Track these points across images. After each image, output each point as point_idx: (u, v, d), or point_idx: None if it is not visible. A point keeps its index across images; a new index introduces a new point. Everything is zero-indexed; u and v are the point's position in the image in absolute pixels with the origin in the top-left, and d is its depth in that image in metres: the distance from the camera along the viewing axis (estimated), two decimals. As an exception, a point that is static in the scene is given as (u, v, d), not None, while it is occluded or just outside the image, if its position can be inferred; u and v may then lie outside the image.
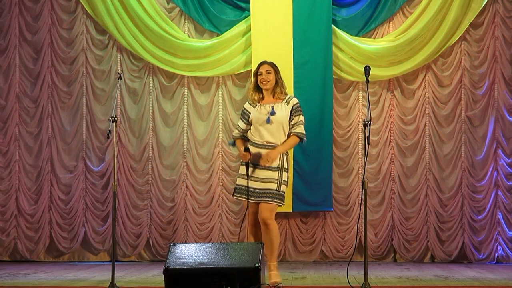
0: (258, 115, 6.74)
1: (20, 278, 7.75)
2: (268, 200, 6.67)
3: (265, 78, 6.78)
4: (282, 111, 6.74)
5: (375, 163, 9.51)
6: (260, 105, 6.80)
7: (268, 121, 6.70)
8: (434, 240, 9.44)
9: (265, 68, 6.81)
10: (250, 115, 6.79)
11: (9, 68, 9.76)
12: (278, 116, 6.71)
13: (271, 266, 6.76)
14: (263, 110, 6.76)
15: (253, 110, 6.80)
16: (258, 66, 6.88)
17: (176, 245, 6.13)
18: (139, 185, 9.66)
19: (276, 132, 6.70)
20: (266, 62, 6.89)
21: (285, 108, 6.75)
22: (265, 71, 6.79)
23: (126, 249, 9.62)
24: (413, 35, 9.37)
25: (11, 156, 9.74)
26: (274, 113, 6.72)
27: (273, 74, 6.79)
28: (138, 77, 9.71)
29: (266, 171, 6.67)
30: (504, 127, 9.43)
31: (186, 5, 9.62)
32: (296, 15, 9.37)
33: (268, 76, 6.78)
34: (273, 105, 6.76)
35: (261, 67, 6.84)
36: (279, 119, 6.71)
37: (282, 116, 6.72)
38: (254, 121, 6.75)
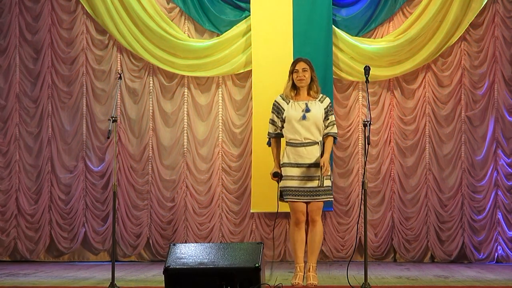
0: (293, 112, 6.71)
1: (20, 278, 7.75)
2: (318, 198, 6.67)
3: (302, 76, 6.76)
4: (317, 109, 6.72)
5: (375, 163, 9.51)
6: (294, 102, 6.78)
7: (304, 118, 6.69)
8: (434, 240, 9.44)
9: (302, 66, 6.78)
10: (284, 111, 6.77)
11: (9, 68, 9.76)
12: (313, 114, 6.70)
13: (311, 267, 6.73)
14: (297, 107, 6.74)
15: (287, 107, 6.77)
16: (294, 63, 6.83)
17: (176, 245, 6.13)
18: (139, 185, 9.66)
19: (313, 128, 6.68)
20: (302, 60, 6.84)
21: (319, 106, 6.75)
22: (301, 69, 6.76)
23: (126, 249, 9.63)
24: (413, 35, 9.37)
25: (11, 156, 9.74)
26: (309, 110, 6.70)
27: (309, 72, 6.78)
28: (138, 77, 9.72)
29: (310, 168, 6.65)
30: (504, 127, 9.44)
31: (186, 5, 9.63)
32: (296, 15, 9.38)
33: (304, 74, 6.76)
34: (307, 102, 6.75)
35: (298, 64, 6.80)
36: (314, 117, 6.69)
37: (317, 113, 6.70)
38: (289, 118, 6.71)
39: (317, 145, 6.67)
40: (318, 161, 6.63)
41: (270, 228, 9.55)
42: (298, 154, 6.65)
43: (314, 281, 6.64)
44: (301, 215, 6.69)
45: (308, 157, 6.65)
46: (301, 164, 6.65)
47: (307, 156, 6.65)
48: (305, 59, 6.85)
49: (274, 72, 9.28)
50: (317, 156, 6.65)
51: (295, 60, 6.89)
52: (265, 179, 9.30)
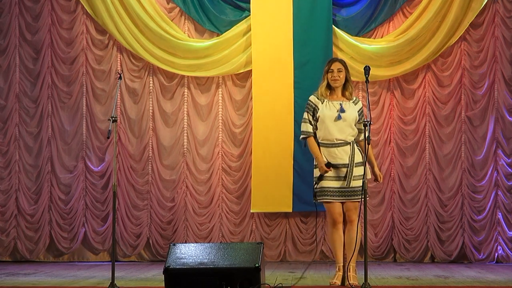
0: (328, 111, 6.71)
1: (20, 278, 7.75)
2: (353, 198, 6.68)
3: (336, 76, 6.76)
4: (351, 110, 6.73)
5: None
6: (328, 101, 6.77)
7: (339, 118, 6.69)
8: (434, 240, 9.44)
9: (337, 66, 6.77)
10: (318, 110, 6.76)
11: (9, 68, 9.76)
12: (348, 114, 6.70)
13: (351, 267, 6.68)
14: (332, 107, 6.73)
15: (321, 106, 6.77)
16: (330, 63, 6.82)
17: (176, 245, 6.13)
18: (139, 185, 9.66)
19: (346, 129, 6.68)
20: (337, 60, 6.85)
21: (353, 107, 6.76)
22: (336, 69, 6.76)
23: (126, 249, 9.62)
24: (413, 35, 9.37)
25: (11, 156, 9.74)
26: (344, 111, 6.70)
27: (343, 73, 6.78)
28: (138, 77, 9.71)
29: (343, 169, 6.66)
30: (504, 127, 9.44)
31: (186, 5, 9.63)
32: (296, 15, 9.38)
33: (339, 74, 6.76)
34: (341, 102, 6.75)
35: (333, 64, 6.79)
36: (349, 117, 6.70)
37: (352, 114, 6.72)
38: (323, 117, 6.70)
39: (349, 145, 6.69)
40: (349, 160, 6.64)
41: (270, 228, 9.56)
42: (331, 155, 6.66)
43: (354, 281, 6.61)
44: (338, 216, 6.70)
45: (340, 157, 6.66)
46: (334, 164, 6.65)
47: (340, 157, 6.66)
48: (341, 60, 6.90)
49: (274, 72, 9.28)
50: (349, 155, 6.66)
51: (330, 60, 6.90)
52: (265, 179, 9.35)
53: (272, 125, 9.33)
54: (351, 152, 6.67)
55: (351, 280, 6.62)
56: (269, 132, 9.33)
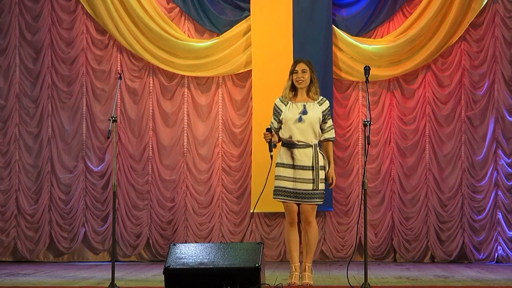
0: (290, 114, 6.69)
1: (20, 278, 7.74)
2: (310, 201, 6.66)
3: (301, 77, 6.74)
4: (315, 111, 6.70)
5: (375, 163, 9.51)
6: (292, 103, 6.75)
7: (300, 120, 6.67)
8: (434, 240, 9.44)
9: (302, 67, 6.74)
10: (281, 113, 6.76)
11: (9, 68, 9.76)
12: (310, 116, 6.67)
13: (307, 267, 6.73)
14: (294, 109, 6.71)
15: (284, 108, 6.75)
16: (294, 64, 6.79)
17: (176, 245, 6.13)
18: (139, 185, 9.66)
19: (307, 131, 6.65)
20: (302, 60, 6.79)
21: (318, 108, 6.72)
22: (301, 70, 6.73)
23: (126, 249, 9.62)
24: (413, 35, 9.37)
25: (11, 156, 9.74)
26: (306, 113, 6.68)
27: (308, 73, 6.74)
28: (138, 77, 9.71)
29: (302, 171, 6.65)
30: (504, 127, 9.44)
31: (186, 5, 9.63)
32: (296, 15, 9.38)
33: (304, 75, 6.72)
34: (305, 103, 6.73)
35: (298, 65, 6.75)
36: (311, 119, 6.67)
37: (314, 116, 6.68)
38: (285, 120, 6.70)
39: (311, 148, 6.67)
40: (311, 163, 6.63)
41: (270, 228, 9.56)
42: (291, 156, 6.66)
43: (309, 281, 6.65)
44: (294, 216, 6.73)
45: (300, 159, 6.65)
46: (294, 165, 6.65)
47: (299, 158, 6.65)
48: (306, 60, 6.81)
49: (274, 72, 9.27)
50: (310, 159, 6.65)
51: (295, 61, 6.86)
52: (265, 179, 9.32)
53: (272, 125, 9.32)
54: (314, 155, 6.66)
55: (306, 280, 6.65)
56: (269, 132, 9.32)
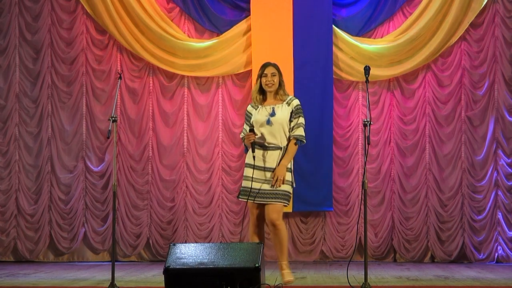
0: (259, 117, 6.72)
1: (20, 278, 7.75)
2: (273, 201, 6.67)
3: (270, 80, 6.75)
4: (283, 112, 6.72)
5: (375, 163, 9.51)
6: (262, 107, 6.78)
7: (268, 122, 6.68)
8: (434, 240, 9.44)
9: (271, 70, 6.76)
10: (252, 117, 6.78)
11: (9, 68, 9.76)
12: (278, 117, 6.69)
13: (283, 265, 6.75)
14: (263, 112, 6.74)
15: (254, 112, 6.78)
16: (263, 68, 6.80)
17: (176, 245, 6.13)
18: (139, 185, 9.66)
19: (277, 133, 6.68)
20: (270, 64, 6.81)
21: (286, 109, 6.73)
22: (270, 74, 6.75)
23: (126, 249, 9.62)
24: (413, 35, 9.37)
25: (11, 156, 9.74)
26: (274, 114, 6.70)
27: (277, 77, 6.77)
28: (138, 77, 9.72)
29: (270, 172, 6.66)
30: (504, 127, 9.44)
31: (186, 5, 9.63)
32: (296, 15, 9.38)
33: (273, 78, 6.74)
34: (273, 106, 6.75)
35: (266, 69, 6.77)
36: (279, 120, 6.68)
37: (282, 117, 6.70)
38: (255, 123, 6.73)
39: (280, 150, 6.67)
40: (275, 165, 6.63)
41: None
42: (259, 157, 6.66)
43: (290, 278, 6.67)
44: (255, 217, 6.74)
45: (267, 160, 6.66)
46: (259, 166, 6.66)
47: (267, 160, 6.66)
48: (274, 64, 6.83)
49: (274, 72, 9.27)
50: (276, 160, 6.65)
51: (263, 65, 6.85)
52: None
53: (272, 125, 9.32)
54: (279, 157, 6.66)
55: (286, 277, 6.67)
56: (269, 132, 9.33)
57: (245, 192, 6.70)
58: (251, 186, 6.63)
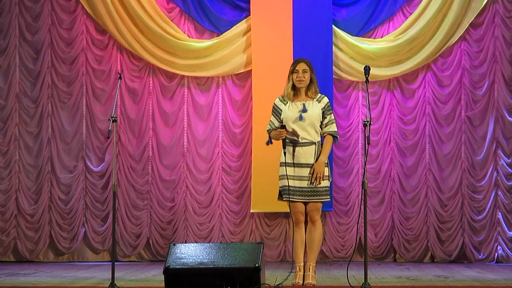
0: (290, 113, 6.74)
1: (20, 278, 7.74)
2: (314, 199, 6.68)
3: (302, 77, 6.77)
4: (314, 109, 6.74)
5: (375, 163, 9.51)
6: (291, 103, 6.79)
7: (300, 118, 6.70)
8: (434, 240, 9.44)
9: (302, 67, 6.78)
10: (282, 112, 6.79)
11: (9, 68, 9.76)
12: (310, 114, 6.71)
13: (310, 267, 6.74)
14: (294, 108, 6.75)
15: (284, 108, 6.79)
16: (295, 64, 6.83)
17: (176, 245, 6.13)
18: (139, 185, 9.66)
19: (309, 128, 6.70)
20: (302, 60, 6.84)
21: (317, 106, 6.76)
22: (301, 70, 6.77)
23: (126, 249, 9.62)
24: (413, 35, 9.37)
25: (11, 156, 9.74)
26: (306, 111, 6.72)
27: (308, 73, 6.79)
28: (138, 77, 9.71)
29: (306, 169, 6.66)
30: (504, 127, 9.44)
31: (186, 5, 9.63)
32: (296, 15, 9.38)
33: (304, 75, 6.77)
34: (304, 102, 6.76)
35: (298, 65, 6.80)
36: (311, 116, 6.71)
37: (314, 113, 6.73)
38: (286, 119, 6.74)
39: (314, 145, 6.70)
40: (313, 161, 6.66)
41: (270, 228, 9.56)
42: (295, 154, 6.66)
43: (312, 281, 6.67)
44: (300, 215, 6.74)
45: (304, 157, 6.67)
46: (297, 164, 6.67)
47: (303, 156, 6.67)
48: (306, 60, 6.85)
49: (274, 72, 9.27)
50: (313, 156, 6.67)
51: (295, 61, 6.89)
52: (265, 179, 9.34)
53: (272, 125, 9.32)
54: (316, 152, 6.68)
55: (309, 280, 6.68)
56: (269, 132, 9.33)
57: (287, 192, 6.69)
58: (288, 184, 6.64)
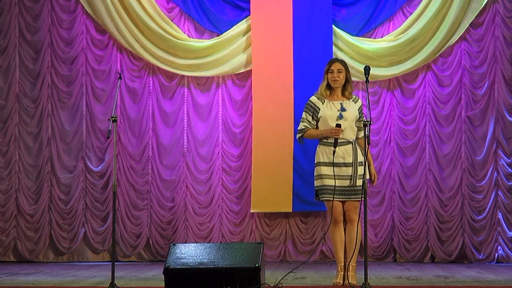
0: (329, 111, 6.74)
1: (20, 278, 7.74)
2: (353, 198, 6.70)
3: (336, 76, 6.78)
4: (352, 108, 6.77)
5: (375, 163, 9.48)
6: (329, 102, 6.79)
7: (341, 117, 6.71)
8: (434, 240, 9.44)
9: (337, 66, 6.79)
10: (319, 111, 6.78)
11: (9, 68, 9.76)
12: (349, 113, 6.73)
13: (350, 267, 6.70)
14: (333, 107, 6.76)
15: (322, 106, 6.79)
16: (330, 64, 6.84)
17: (176, 245, 6.13)
18: (139, 185, 9.66)
19: (348, 128, 6.71)
20: (337, 60, 6.86)
21: (354, 106, 6.79)
22: (336, 70, 6.78)
23: (126, 249, 9.62)
24: (413, 35, 9.37)
25: (11, 156, 9.74)
26: (345, 110, 6.73)
27: (343, 73, 6.80)
28: (138, 77, 9.71)
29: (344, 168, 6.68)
30: (504, 127, 9.44)
31: (186, 5, 9.63)
32: (296, 15, 9.38)
33: (339, 75, 6.78)
34: (341, 102, 6.78)
35: (333, 65, 6.81)
36: (350, 116, 6.73)
37: (353, 113, 6.75)
38: (325, 117, 6.73)
39: (351, 144, 6.71)
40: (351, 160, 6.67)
41: (270, 228, 9.56)
42: (333, 153, 6.66)
43: (353, 281, 6.63)
44: (339, 215, 6.72)
45: (342, 156, 6.69)
46: (336, 163, 6.67)
47: (341, 156, 6.68)
48: (341, 60, 6.92)
49: (274, 72, 9.28)
50: (351, 155, 6.68)
51: (330, 60, 6.92)
52: (265, 179, 9.35)
53: (272, 125, 9.33)
54: (354, 151, 6.70)
55: (351, 280, 6.64)
56: (269, 132, 9.33)
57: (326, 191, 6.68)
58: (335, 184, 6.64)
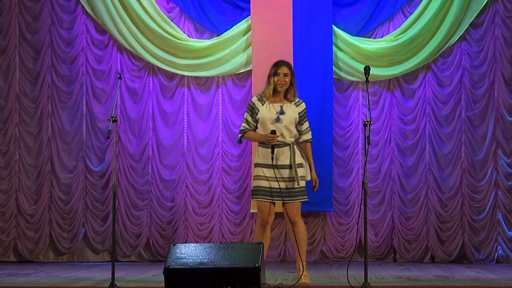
0: (268, 113, 6.76)
1: (20, 278, 7.75)
2: (293, 199, 6.72)
3: (283, 80, 6.79)
4: (292, 112, 6.78)
5: (375, 163, 9.51)
6: (269, 103, 6.81)
7: (277, 120, 6.73)
8: (434, 240, 9.44)
9: (284, 70, 6.79)
10: (258, 112, 6.80)
11: (9, 68, 9.76)
12: (287, 116, 6.74)
13: (301, 266, 6.78)
14: (272, 109, 6.77)
15: (261, 108, 6.81)
16: (276, 66, 6.82)
17: (176, 245, 6.13)
18: (139, 185, 9.66)
19: (284, 131, 6.73)
20: (284, 64, 6.84)
21: (294, 109, 6.80)
22: (283, 74, 6.79)
23: (126, 249, 9.62)
24: (413, 35, 9.38)
25: (11, 156, 9.74)
26: (283, 113, 6.75)
27: (289, 77, 6.82)
28: (138, 77, 9.71)
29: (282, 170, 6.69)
30: (504, 127, 9.44)
31: (186, 5, 9.63)
32: (296, 15, 9.38)
33: (285, 78, 6.80)
34: (282, 104, 6.79)
35: (280, 68, 6.81)
36: (288, 119, 6.74)
37: (291, 116, 6.76)
38: (263, 119, 6.76)
39: (288, 146, 6.74)
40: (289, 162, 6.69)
41: (270, 228, 9.53)
42: (270, 155, 6.67)
43: (306, 280, 6.70)
44: (267, 216, 6.79)
45: (279, 158, 6.70)
46: (273, 165, 6.68)
47: (278, 158, 6.69)
48: (287, 63, 6.88)
49: (274, 72, 9.27)
50: (288, 157, 6.69)
51: (276, 63, 6.87)
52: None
53: (272, 125, 9.32)
54: (291, 153, 6.70)
55: (303, 280, 6.72)
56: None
57: (260, 192, 6.71)
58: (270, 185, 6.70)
